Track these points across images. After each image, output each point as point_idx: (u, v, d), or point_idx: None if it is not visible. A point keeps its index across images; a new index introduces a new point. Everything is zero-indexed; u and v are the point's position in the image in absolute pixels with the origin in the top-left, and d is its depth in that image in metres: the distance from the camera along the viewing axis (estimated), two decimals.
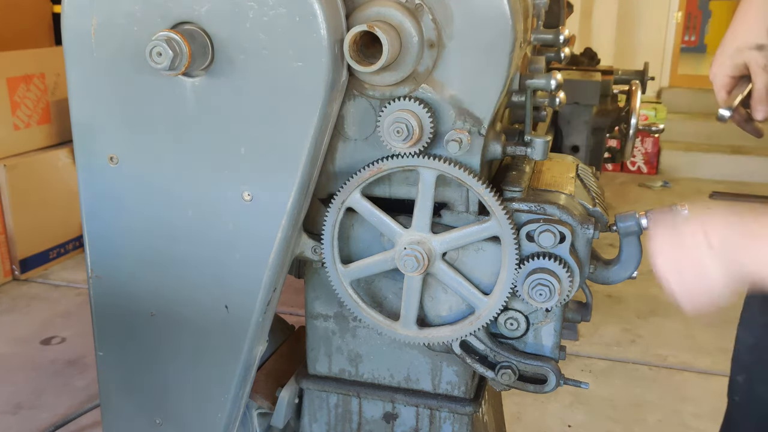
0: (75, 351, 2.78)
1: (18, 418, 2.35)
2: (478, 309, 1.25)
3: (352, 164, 1.26)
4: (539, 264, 1.18)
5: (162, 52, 1.06)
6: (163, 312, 1.33)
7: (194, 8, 1.11)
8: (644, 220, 1.20)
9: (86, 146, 1.26)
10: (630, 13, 5.86)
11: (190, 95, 1.17)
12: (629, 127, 2.87)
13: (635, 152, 5.35)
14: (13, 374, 2.62)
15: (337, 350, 1.44)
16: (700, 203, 4.67)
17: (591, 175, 1.46)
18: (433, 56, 1.16)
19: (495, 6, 1.11)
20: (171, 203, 1.25)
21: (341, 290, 1.30)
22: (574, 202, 1.27)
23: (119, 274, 1.33)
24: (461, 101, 1.17)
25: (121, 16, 1.15)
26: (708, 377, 2.61)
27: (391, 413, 1.45)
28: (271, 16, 1.09)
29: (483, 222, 1.20)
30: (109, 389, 1.43)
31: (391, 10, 1.12)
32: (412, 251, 1.20)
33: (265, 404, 1.52)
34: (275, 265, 1.24)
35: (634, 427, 2.34)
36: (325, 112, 1.14)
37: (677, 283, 0.96)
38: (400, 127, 1.14)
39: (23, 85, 3.50)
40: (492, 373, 1.31)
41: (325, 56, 1.09)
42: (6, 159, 3.40)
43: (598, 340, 2.90)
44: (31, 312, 3.15)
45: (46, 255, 3.61)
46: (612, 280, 1.27)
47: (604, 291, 3.27)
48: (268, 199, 1.20)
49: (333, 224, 1.26)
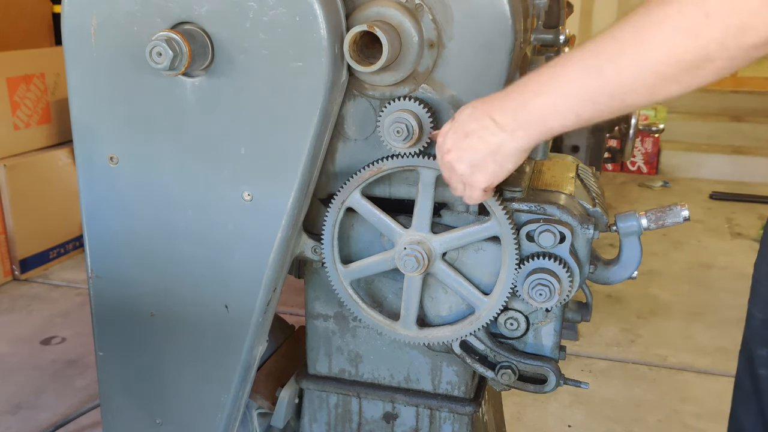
0: (75, 351, 2.78)
1: (18, 418, 2.35)
2: (478, 309, 1.25)
3: (352, 164, 1.26)
4: (539, 264, 1.18)
5: (162, 52, 1.06)
6: (163, 312, 1.33)
7: (194, 8, 1.11)
8: (644, 220, 1.20)
9: (86, 146, 1.26)
10: (630, 13, 5.85)
11: (190, 95, 1.17)
12: (629, 127, 2.88)
13: (635, 152, 5.35)
14: (13, 374, 2.62)
15: (337, 350, 1.44)
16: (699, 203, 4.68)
17: (591, 175, 1.46)
18: (433, 56, 1.16)
19: (495, 6, 1.11)
20: (171, 203, 1.25)
21: (341, 290, 1.30)
22: (574, 202, 1.27)
23: (119, 274, 1.33)
24: (461, 101, 1.17)
25: (121, 15, 1.15)
26: (708, 377, 2.61)
27: (391, 413, 1.45)
28: (271, 16, 1.09)
29: (483, 222, 1.20)
30: (109, 389, 1.43)
31: (391, 10, 1.12)
32: (412, 251, 1.20)
33: (265, 404, 1.52)
34: (275, 266, 1.24)
35: (634, 427, 2.34)
36: (325, 112, 1.14)
37: (467, 168, 1.03)
38: (400, 127, 1.14)
39: (23, 85, 3.50)
40: (492, 373, 1.31)
41: (325, 56, 1.09)
42: (6, 159, 3.40)
43: (598, 340, 2.90)
44: (31, 312, 3.14)
45: (46, 255, 3.61)
46: (612, 280, 1.27)
47: (604, 291, 3.27)
48: (268, 199, 1.20)
49: (333, 224, 1.26)
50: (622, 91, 0.86)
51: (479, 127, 1.00)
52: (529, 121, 0.96)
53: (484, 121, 0.99)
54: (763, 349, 1.22)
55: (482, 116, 1.00)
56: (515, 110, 0.97)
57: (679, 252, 3.86)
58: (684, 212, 1.20)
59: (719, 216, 4.46)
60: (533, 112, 0.95)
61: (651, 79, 0.83)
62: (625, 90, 0.86)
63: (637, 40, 0.83)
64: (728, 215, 4.48)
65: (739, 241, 4.03)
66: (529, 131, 0.97)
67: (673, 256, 3.80)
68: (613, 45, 0.86)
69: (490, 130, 0.99)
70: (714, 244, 3.96)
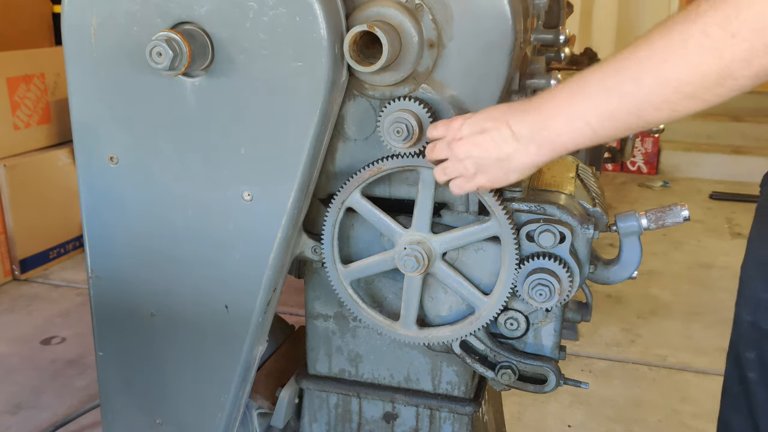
0: (75, 351, 2.78)
1: (18, 418, 2.35)
2: (478, 309, 1.25)
3: (352, 164, 1.26)
4: (539, 264, 1.18)
5: (162, 52, 1.06)
6: (163, 312, 1.33)
7: (194, 8, 1.11)
8: (644, 220, 1.20)
9: (86, 146, 1.26)
10: (630, 13, 5.85)
11: (190, 95, 1.17)
12: None
13: (635, 152, 5.34)
14: (13, 374, 2.62)
15: (337, 350, 1.44)
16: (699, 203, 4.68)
17: (591, 175, 1.46)
18: (433, 56, 1.16)
19: (495, 6, 1.11)
20: (171, 203, 1.25)
21: (341, 290, 1.30)
22: (574, 202, 1.27)
23: (119, 274, 1.33)
24: (461, 101, 1.17)
25: (121, 15, 1.15)
26: (708, 377, 2.61)
27: (391, 413, 1.45)
28: (271, 16, 1.09)
29: (483, 222, 1.20)
30: (109, 389, 1.42)
31: (391, 10, 1.12)
32: (412, 251, 1.20)
33: (265, 404, 1.52)
34: (275, 265, 1.24)
35: (634, 427, 2.34)
36: (325, 112, 1.14)
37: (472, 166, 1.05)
38: (400, 127, 1.14)
39: (23, 85, 3.50)
40: (492, 373, 1.31)
41: (325, 56, 1.09)
42: (6, 159, 3.40)
43: (598, 340, 2.89)
44: (31, 312, 3.14)
45: (46, 255, 3.61)
46: (612, 280, 1.27)
47: (604, 291, 3.27)
48: (268, 198, 1.20)
49: (333, 224, 1.26)
50: (642, 109, 0.88)
51: (495, 129, 1.01)
52: (544, 138, 0.97)
53: (501, 126, 1.01)
54: (752, 352, 1.20)
55: (501, 120, 1.01)
56: (532, 126, 0.98)
57: (679, 252, 3.86)
58: (684, 212, 1.20)
59: (719, 216, 4.46)
60: (550, 131, 0.96)
61: (672, 96, 0.85)
62: (646, 108, 0.87)
63: (660, 59, 0.84)
64: (728, 215, 4.48)
65: (739, 241, 4.03)
66: (543, 148, 0.98)
67: (673, 256, 3.80)
68: (635, 64, 0.87)
69: (504, 136, 1.00)
70: (714, 244, 3.96)
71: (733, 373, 1.27)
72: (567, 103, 0.95)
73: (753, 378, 1.21)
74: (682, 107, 0.86)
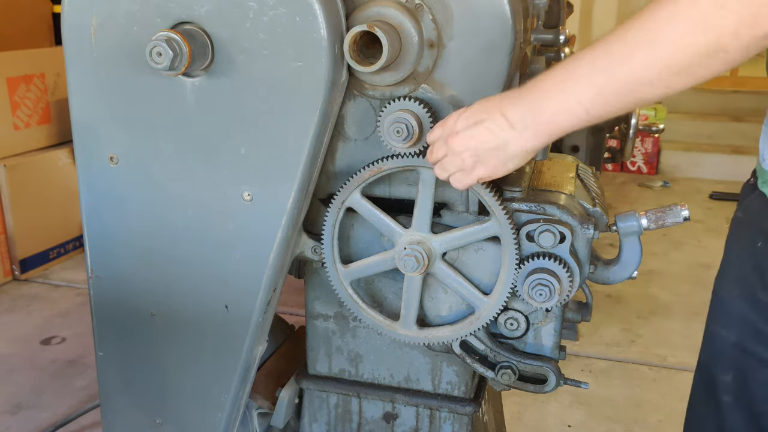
0: (75, 351, 2.78)
1: (18, 418, 2.35)
2: (478, 309, 1.25)
3: (352, 164, 1.26)
4: (539, 264, 1.18)
5: (162, 52, 1.06)
6: (163, 312, 1.33)
7: (194, 8, 1.11)
8: (644, 220, 1.20)
9: (86, 146, 1.26)
10: (630, 13, 5.85)
11: (190, 95, 1.17)
12: (629, 127, 2.88)
13: (635, 152, 5.35)
14: (13, 374, 2.62)
15: (337, 350, 1.44)
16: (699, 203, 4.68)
17: (591, 175, 1.46)
18: (433, 56, 1.16)
19: (495, 6, 1.11)
20: (171, 203, 1.25)
21: (341, 290, 1.30)
22: (574, 202, 1.27)
23: (119, 274, 1.33)
24: (461, 101, 1.17)
25: (121, 15, 1.15)
26: None
27: (391, 413, 1.45)
28: (271, 16, 1.09)
29: (483, 222, 1.20)
30: (109, 389, 1.43)
31: (391, 10, 1.12)
32: (412, 251, 1.20)
33: (265, 404, 1.52)
34: (275, 265, 1.24)
35: (634, 427, 2.34)
36: (325, 112, 1.14)
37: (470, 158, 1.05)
38: (400, 127, 1.14)
39: (23, 85, 3.50)
40: (492, 373, 1.31)
41: (325, 56, 1.09)
42: (6, 159, 3.40)
43: (598, 340, 2.90)
44: (31, 312, 3.14)
45: (46, 255, 3.61)
46: (612, 280, 1.27)
47: (604, 291, 3.27)
48: (268, 199, 1.20)
49: (333, 224, 1.26)
50: (635, 86, 0.87)
51: (489, 119, 1.01)
52: (538, 122, 0.97)
53: (495, 115, 1.00)
54: (728, 374, 1.14)
55: (494, 110, 1.01)
56: (525, 110, 0.98)
57: (679, 252, 3.86)
58: (684, 212, 1.20)
59: (719, 216, 4.46)
60: (544, 112, 0.96)
61: (664, 72, 0.84)
62: (638, 84, 0.87)
63: (649, 34, 0.84)
64: (728, 215, 4.44)
65: None
66: (538, 131, 0.98)
67: (673, 256, 3.80)
68: (624, 41, 0.87)
69: (499, 125, 1.00)
70: (714, 244, 3.95)
71: (701, 394, 1.21)
72: (559, 86, 0.94)
73: (727, 401, 1.15)
74: (675, 83, 0.85)
